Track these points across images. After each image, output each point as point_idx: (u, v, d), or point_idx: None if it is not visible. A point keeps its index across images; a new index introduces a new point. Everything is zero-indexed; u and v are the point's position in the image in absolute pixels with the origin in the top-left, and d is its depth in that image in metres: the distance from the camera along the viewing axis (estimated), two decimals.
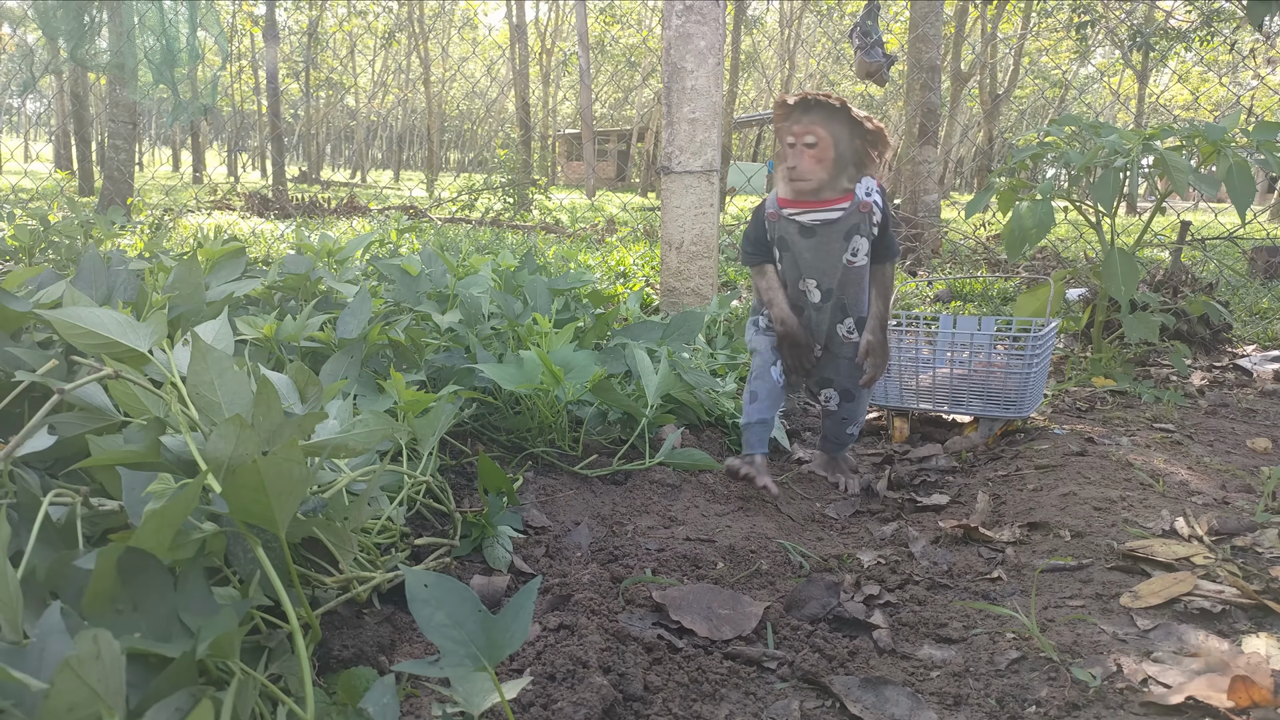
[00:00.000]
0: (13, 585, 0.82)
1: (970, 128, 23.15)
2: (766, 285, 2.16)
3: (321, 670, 1.17)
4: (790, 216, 2.06)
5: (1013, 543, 1.79)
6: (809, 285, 2.12)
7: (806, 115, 1.97)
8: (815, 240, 2.05)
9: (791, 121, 1.98)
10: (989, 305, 4.98)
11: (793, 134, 1.98)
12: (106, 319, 1.34)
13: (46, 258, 3.74)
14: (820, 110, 1.97)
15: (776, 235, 2.10)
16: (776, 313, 2.14)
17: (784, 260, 2.13)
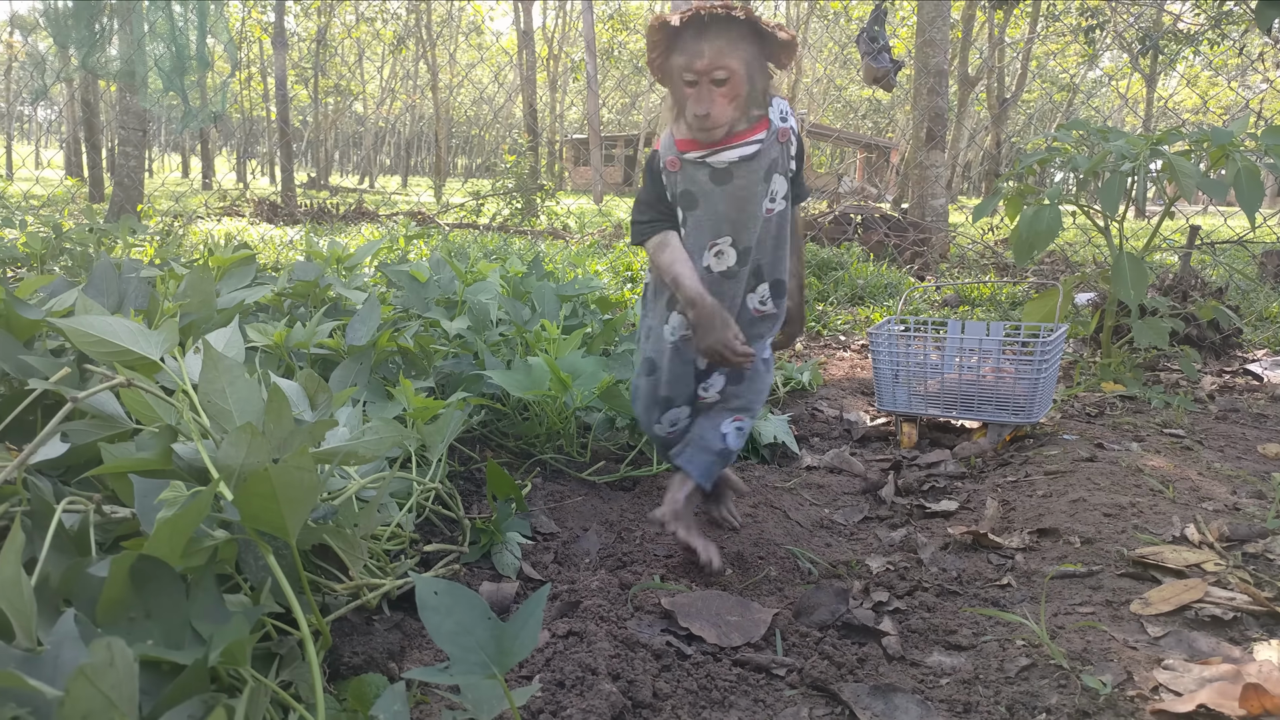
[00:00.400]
0: (26, 593, 0.83)
1: (978, 132, 23.12)
2: (671, 259, 1.65)
3: (332, 677, 1.17)
4: (697, 160, 1.60)
5: (1022, 549, 1.78)
6: (723, 245, 1.65)
7: (707, 43, 1.49)
8: (731, 186, 1.61)
9: (688, 54, 1.50)
10: (997, 310, 4.97)
11: (694, 71, 1.50)
12: (118, 327, 1.35)
13: (59, 264, 3.76)
14: (723, 32, 1.50)
15: (679, 189, 1.63)
16: (689, 292, 1.62)
17: (689, 222, 1.65)
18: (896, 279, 5.97)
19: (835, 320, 4.75)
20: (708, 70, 1.49)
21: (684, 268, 1.63)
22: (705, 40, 1.49)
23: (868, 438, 2.78)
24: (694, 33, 1.49)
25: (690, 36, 1.49)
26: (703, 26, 1.49)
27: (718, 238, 1.64)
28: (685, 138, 1.60)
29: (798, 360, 3.79)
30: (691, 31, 1.49)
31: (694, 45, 1.49)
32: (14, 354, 1.39)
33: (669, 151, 1.63)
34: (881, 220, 7.58)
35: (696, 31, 1.49)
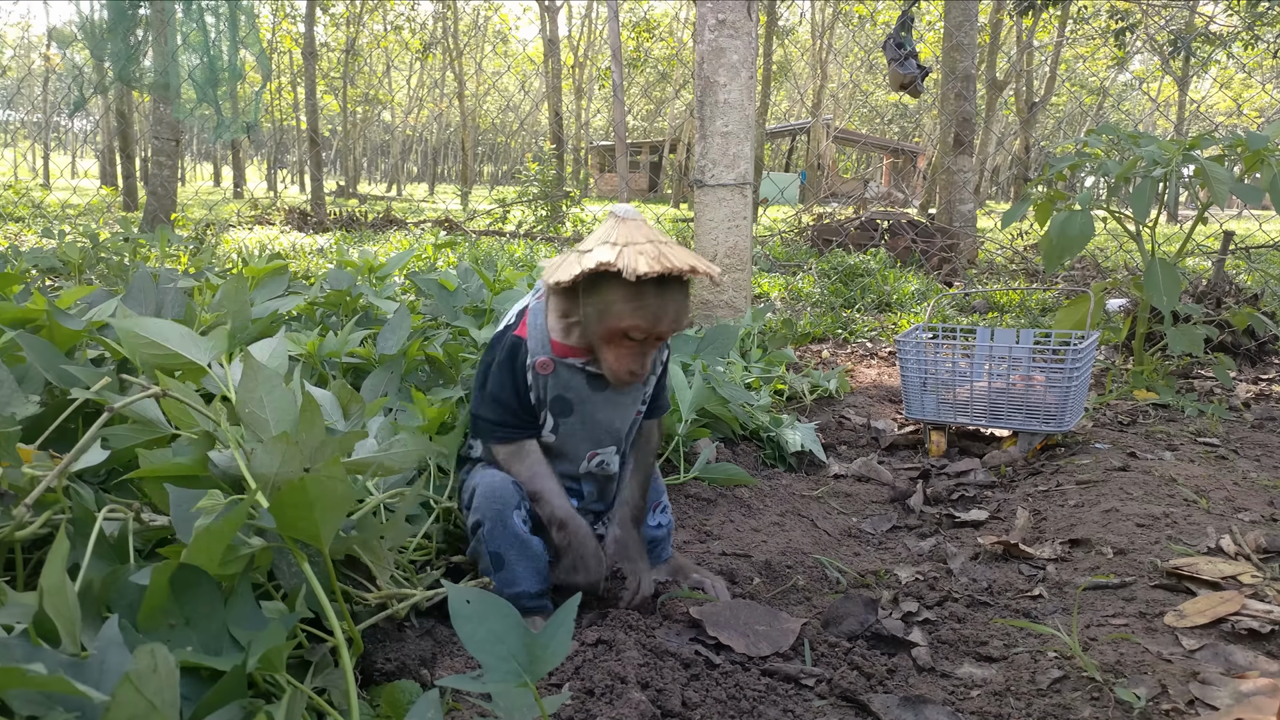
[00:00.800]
0: (71, 599, 0.85)
1: (1006, 136, 22.93)
2: (531, 472, 1.44)
3: (365, 683, 1.19)
4: (577, 366, 1.43)
5: (1054, 560, 1.77)
6: (605, 455, 1.50)
7: (671, 305, 1.32)
8: (609, 391, 1.45)
9: (650, 316, 1.30)
10: (1027, 317, 4.93)
11: (652, 334, 1.33)
12: (169, 331, 1.39)
13: (95, 274, 3.83)
14: (681, 292, 1.35)
15: (550, 394, 1.44)
16: (558, 514, 1.42)
17: (561, 429, 1.46)
18: (924, 285, 5.94)
19: (862, 327, 4.73)
20: (666, 335, 1.35)
21: (548, 483, 1.44)
22: (668, 301, 1.31)
23: (896, 446, 2.77)
24: (656, 291, 1.29)
25: (652, 294, 1.29)
26: (664, 284, 1.30)
27: (599, 447, 1.49)
28: (568, 345, 1.42)
29: (824, 368, 3.78)
30: (653, 289, 1.29)
31: (657, 306, 1.30)
32: (56, 363, 1.42)
33: (541, 352, 1.42)
34: (908, 226, 7.54)
35: (659, 290, 1.30)
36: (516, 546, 1.40)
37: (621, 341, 1.34)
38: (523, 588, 1.41)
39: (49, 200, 12.04)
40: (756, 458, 2.49)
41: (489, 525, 1.40)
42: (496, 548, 1.40)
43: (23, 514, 0.94)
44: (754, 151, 3.72)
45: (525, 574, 1.41)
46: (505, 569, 1.40)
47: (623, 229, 1.32)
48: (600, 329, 1.34)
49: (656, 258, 1.27)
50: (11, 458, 1.09)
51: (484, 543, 1.40)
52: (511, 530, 1.40)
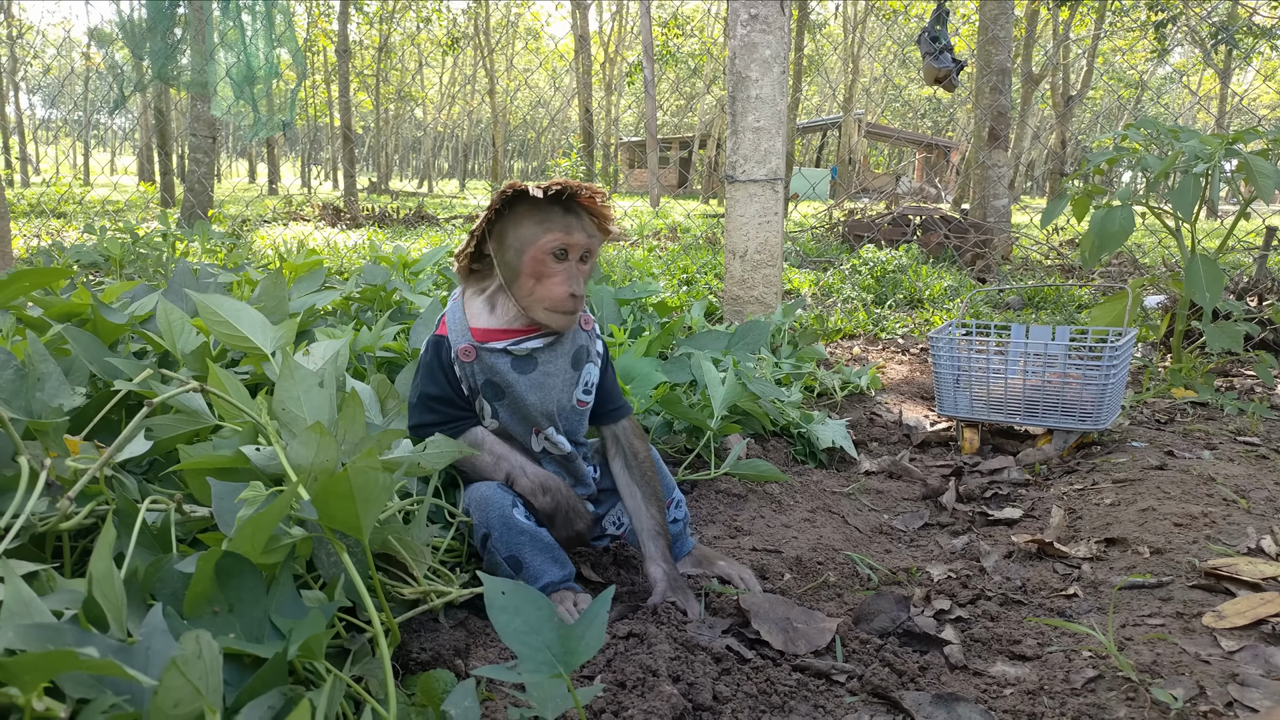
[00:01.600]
0: (118, 586, 0.87)
1: (1042, 131, 22.62)
2: (494, 455, 1.46)
3: (400, 673, 1.20)
4: (496, 349, 1.44)
5: (1089, 559, 1.75)
6: (552, 433, 1.50)
7: (579, 219, 1.40)
8: (536, 373, 1.46)
9: (561, 227, 1.37)
10: (1062, 313, 4.87)
11: (569, 245, 1.38)
12: (244, 314, 1.43)
13: (135, 269, 3.91)
14: (586, 212, 1.43)
15: (479, 380, 1.45)
16: (534, 479, 1.45)
17: (501, 415, 1.48)
18: (957, 281, 5.88)
19: (894, 324, 4.70)
20: (584, 245, 1.39)
21: (515, 458, 1.46)
22: (575, 216, 1.40)
23: (928, 443, 2.75)
24: (562, 208, 1.39)
25: (559, 211, 1.38)
26: (570, 202, 1.40)
27: (540, 429, 1.50)
28: (487, 327, 1.45)
29: (855, 364, 3.76)
30: (560, 207, 1.39)
31: (565, 219, 1.38)
32: (100, 356, 1.45)
33: (461, 339, 1.44)
34: (941, 221, 7.47)
35: (566, 207, 1.39)
36: (528, 542, 1.41)
37: (549, 267, 1.38)
38: (547, 579, 1.42)
39: (90, 197, 12.28)
40: (787, 454, 2.49)
41: (496, 532, 1.40)
42: (510, 551, 1.41)
43: (67, 505, 0.96)
44: (785, 147, 3.70)
45: (545, 565, 1.42)
46: (524, 568, 1.41)
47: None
48: (525, 264, 1.38)
49: (557, 183, 1.36)
50: (59, 448, 1.12)
51: (496, 551, 1.41)
52: (518, 528, 1.41)
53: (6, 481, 1.02)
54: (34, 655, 0.64)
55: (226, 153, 41.56)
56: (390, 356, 2.01)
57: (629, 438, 1.57)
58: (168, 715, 0.74)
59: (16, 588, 0.81)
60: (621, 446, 1.56)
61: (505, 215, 1.39)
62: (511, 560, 1.41)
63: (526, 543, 1.41)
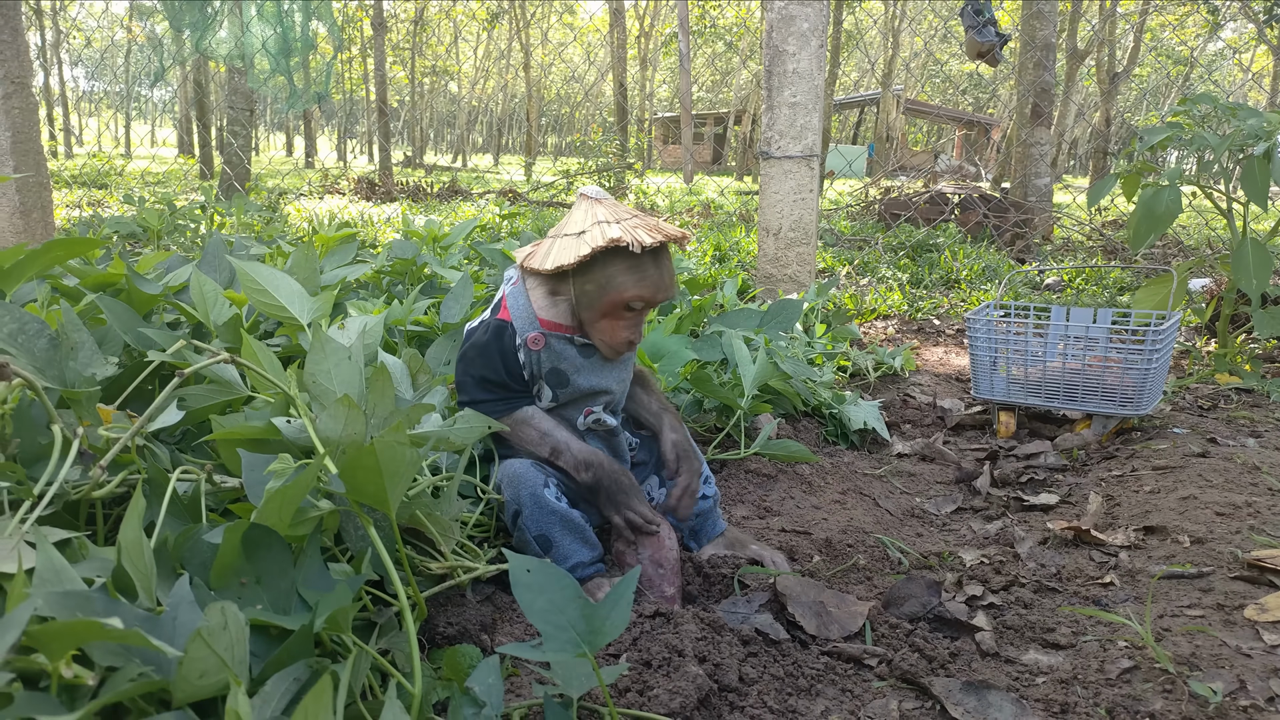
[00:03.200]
0: (147, 556, 0.88)
1: (1086, 108, 22.10)
2: (541, 430, 1.47)
3: (427, 646, 1.21)
4: (566, 339, 1.46)
5: (1127, 547, 1.71)
6: (599, 413, 1.53)
7: (666, 273, 1.39)
8: (597, 357, 1.49)
9: (651, 286, 1.37)
10: (1104, 295, 4.77)
11: (651, 303, 1.40)
12: (283, 284, 1.44)
13: (173, 240, 3.95)
14: (669, 258, 1.42)
15: (545, 368, 1.46)
16: (580, 455, 1.45)
17: (560, 398, 1.50)
18: (995, 262, 5.78)
19: (929, 304, 4.63)
20: (663, 303, 1.42)
21: (561, 433, 1.47)
22: (665, 270, 1.38)
23: (962, 426, 2.71)
24: (654, 260, 1.36)
25: (651, 264, 1.36)
26: (659, 255, 1.38)
27: (593, 407, 1.52)
28: (554, 320, 1.45)
29: (889, 345, 3.71)
30: (651, 259, 1.36)
31: (656, 275, 1.37)
32: (134, 326, 1.46)
33: (530, 328, 1.44)
34: (981, 200, 7.34)
35: (656, 259, 1.37)
36: (559, 522, 1.41)
37: (621, 314, 1.40)
38: (576, 559, 1.41)
39: (130, 169, 12.44)
40: (818, 434, 2.46)
41: (527, 509, 1.40)
42: (540, 529, 1.40)
43: (99, 474, 0.97)
44: (822, 123, 3.64)
45: (574, 546, 1.41)
46: (554, 548, 1.40)
47: (603, 208, 1.37)
48: (602, 303, 1.38)
49: (652, 229, 1.35)
50: (92, 417, 1.13)
51: (526, 529, 1.41)
52: (549, 507, 1.40)
53: (40, 450, 1.03)
54: (60, 624, 0.65)
55: (264, 125, 41.92)
56: (421, 330, 2.01)
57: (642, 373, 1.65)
58: (193, 685, 0.74)
59: (48, 555, 0.81)
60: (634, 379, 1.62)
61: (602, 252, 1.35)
62: (541, 539, 1.41)
63: (557, 523, 1.41)
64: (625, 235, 1.31)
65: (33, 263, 1.46)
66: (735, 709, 1.14)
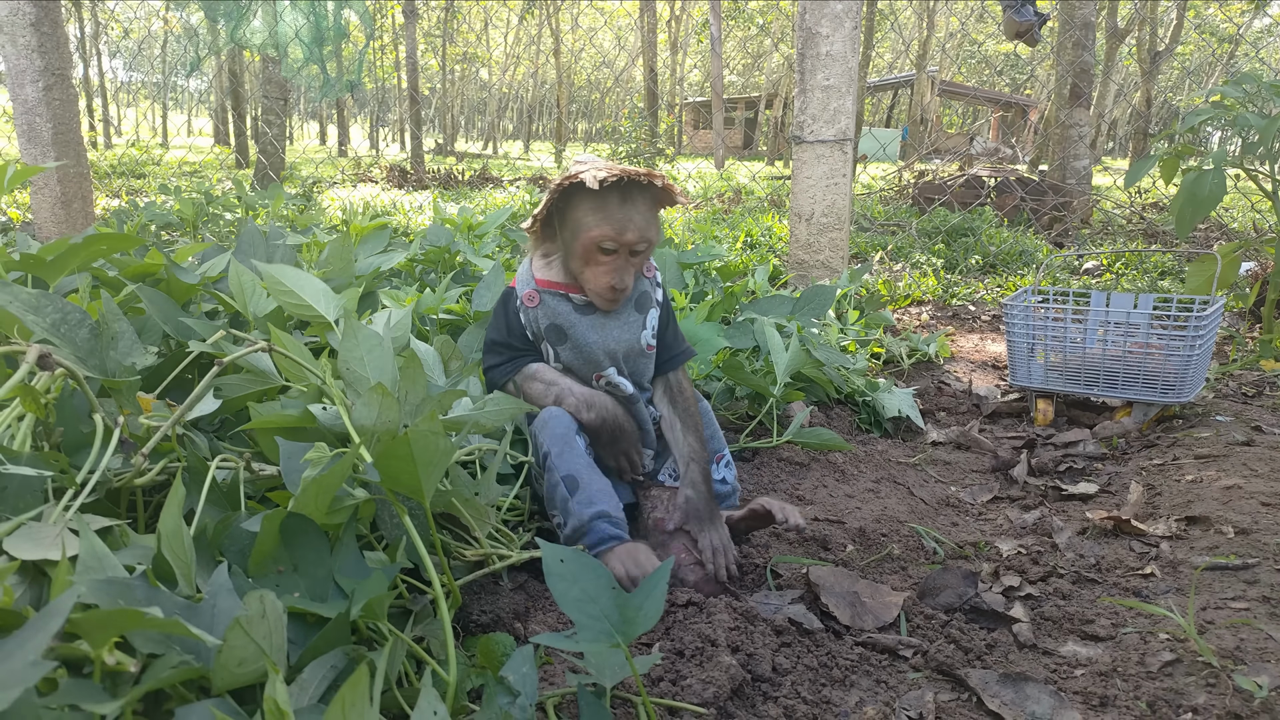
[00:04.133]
0: (187, 543, 0.89)
1: (1126, 88, 21.63)
2: (546, 382, 1.51)
3: (461, 633, 1.21)
4: (560, 294, 1.50)
5: (1168, 537, 1.68)
6: (611, 375, 1.53)
7: (636, 213, 1.39)
8: (599, 314, 1.51)
9: (615, 223, 1.37)
10: (1145, 280, 4.67)
11: (620, 242, 1.39)
12: (307, 284, 1.47)
13: (210, 229, 4.00)
14: (646, 200, 1.40)
15: (543, 325, 1.50)
16: (580, 395, 1.49)
17: (563, 357, 1.52)
18: (1033, 246, 5.69)
19: (965, 290, 4.57)
20: (634, 243, 1.40)
21: (566, 381, 1.51)
22: (632, 209, 1.38)
23: (999, 414, 2.67)
24: (619, 199, 1.37)
25: (616, 203, 1.37)
26: (627, 193, 1.37)
27: (602, 369, 1.52)
28: (549, 279, 1.50)
29: (924, 331, 3.67)
30: (616, 198, 1.37)
31: (621, 214, 1.37)
32: (173, 316, 1.48)
33: (526, 287, 1.51)
34: (1017, 183, 7.22)
35: (622, 199, 1.37)
36: (586, 466, 1.43)
37: (596, 256, 1.41)
38: (602, 506, 1.40)
39: (167, 159, 12.62)
40: (851, 422, 2.44)
41: (556, 449, 1.43)
42: (568, 470, 1.42)
43: (140, 462, 0.98)
44: (855, 106, 3.60)
45: (602, 493, 1.41)
46: (581, 489, 1.41)
47: (583, 165, 1.40)
48: (576, 248, 1.42)
49: (613, 169, 1.35)
50: (132, 406, 1.14)
51: (555, 469, 1.43)
52: (578, 450, 1.44)
53: (83, 438, 1.05)
54: (102, 613, 0.66)
55: (298, 114, 42.27)
56: (452, 318, 2.01)
57: (679, 379, 1.62)
58: (232, 673, 0.75)
59: (90, 543, 0.83)
60: (669, 386, 1.60)
61: (568, 195, 1.41)
62: (569, 480, 1.42)
63: (586, 466, 1.44)
64: (579, 173, 1.34)
65: (75, 256, 1.48)
66: (769, 699, 1.13)
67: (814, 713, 1.12)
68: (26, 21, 3.75)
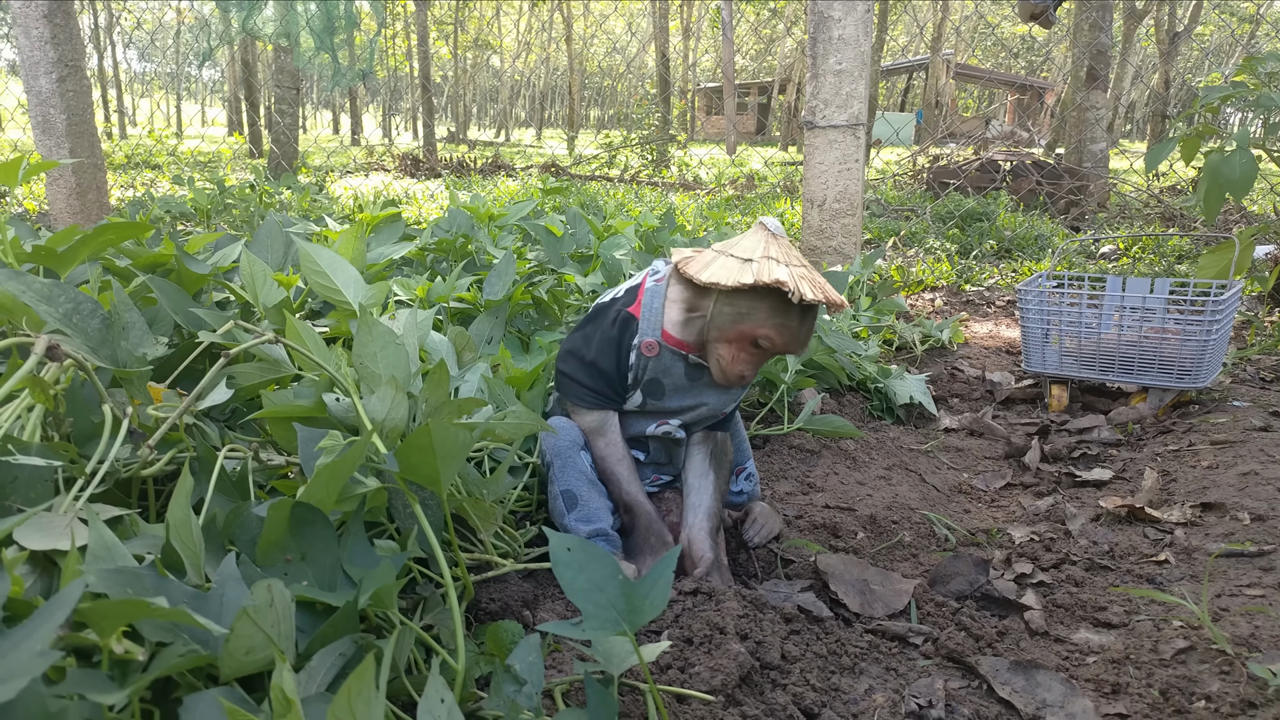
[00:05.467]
0: (195, 532, 0.89)
1: (1144, 70, 21.36)
2: (607, 451, 1.47)
3: (470, 622, 1.22)
4: (680, 355, 1.44)
5: (1183, 524, 1.66)
6: (673, 425, 1.51)
7: (807, 330, 1.36)
8: (701, 383, 1.47)
9: (787, 336, 1.34)
10: (1163, 264, 4.62)
11: (778, 349, 1.36)
12: (341, 269, 1.47)
13: (224, 219, 4.01)
14: (815, 319, 1.39)
15: (647, 375, 1.45)
16: (628, 497, 1.45)
17: (646, 405, 1.49)
18: (1049, 230, 5.64)
19: (979, 275, 4.53)
20: (794, 354, 1.39)
21: (621, 467, 1.46)
22: (807, 326, 1.35)
23: (1012, 400, 2.65)
24: (801, 315, 1.33)
25: (798, 317, 1.33)
26: (807, 311, 1.34)
27: (669, 420, 1.50)
28: (679, 338, 1.42)
29: (937, 317, 3.65)
30: (799, 311, 1.32)
31: (797, 329, 1.34)
32: (184, 306, 1.49)
33: (651, 334, 1.43)
34: (1034, 167, 7.15)
35: (803, 313, 1.33)
36: (587, 483, 1.43)
37: (747, 347, 1.36)
38: (600, 524, 1.41)
39: (182, 149, 12.67)
40: (863, 409, 2.43)
41: (559, 463, 1.43)
42: (568, 485, 1.42)
43: (147, 453, 0.99)
44: (868, 90, 3.56)
45: (601, 510, 1.42)
46: (579, 505, 1.42)
47: (777, 246, 1.34)
48: (733, 331, 1.35)
49: (818, 286, 1.31)
50: (143, 396, 1.15)
51: (556, 482, 1.43)
52: (580, 468, 1.43)
53: (93, 429, 1.06)
54: (110, 602, 0.66)
55: (310, 104, 42.34)
56: (464, 307, 2.02)
57: (726, 443, 1.58)
58: (239, 661, 0.75)
59: (100, 532, 0.83)
60: (714, 438, 1.56)
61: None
62: (568, 495, 1.42)
63: (586, 483, 1.43)
64: (790, 282, 1.27)
65: (86, 245, 1.49)
66: (777, 686, 1.13)
67: (823, 700, 1.12)
68: (40, 13, 3.76)
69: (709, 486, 1.50)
